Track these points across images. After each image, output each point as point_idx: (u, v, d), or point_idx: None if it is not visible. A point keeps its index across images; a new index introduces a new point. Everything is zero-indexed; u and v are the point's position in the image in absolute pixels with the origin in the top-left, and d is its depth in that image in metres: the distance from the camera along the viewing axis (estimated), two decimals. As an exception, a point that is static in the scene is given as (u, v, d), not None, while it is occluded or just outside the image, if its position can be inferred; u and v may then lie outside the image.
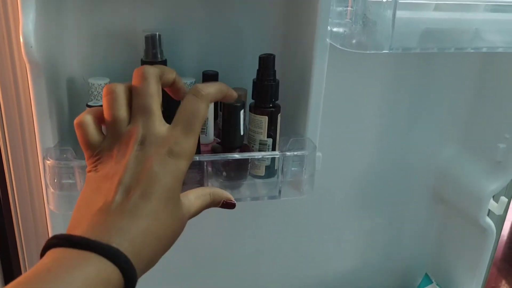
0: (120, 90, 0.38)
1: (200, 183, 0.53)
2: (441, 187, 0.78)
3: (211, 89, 0.40)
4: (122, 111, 0.37)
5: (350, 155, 0.73)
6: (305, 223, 0.76)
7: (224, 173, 0.54)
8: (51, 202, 0.49)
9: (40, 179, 0.52)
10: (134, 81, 0.38)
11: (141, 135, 0.36)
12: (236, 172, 0.55)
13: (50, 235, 0.51)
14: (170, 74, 0.41)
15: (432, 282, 0.79)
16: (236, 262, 0.76)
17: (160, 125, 0.37)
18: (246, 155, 0.54)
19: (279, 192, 0.56)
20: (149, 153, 0.36)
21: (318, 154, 0.61)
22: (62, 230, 0.44)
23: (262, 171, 0.57)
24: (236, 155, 0.53)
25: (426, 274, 0.81)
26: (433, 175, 0.78)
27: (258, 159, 0.56)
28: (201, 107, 0.38)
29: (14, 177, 0.54)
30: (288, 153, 0.55)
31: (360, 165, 0.75)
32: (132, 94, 0.38)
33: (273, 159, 0.57)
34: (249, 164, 0.55)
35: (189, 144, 0.38)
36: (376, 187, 0.77)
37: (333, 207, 0.76)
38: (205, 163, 0.53)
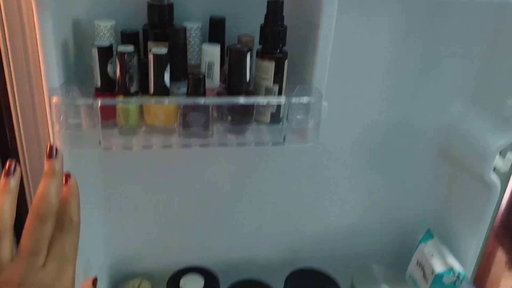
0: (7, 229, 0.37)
1: (205, 127, 0.53)
2: (447, 142, 0.78)
3: (78, 213, 0.41)
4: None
5: (357, 108, 0.73)
6: (308, 175, 0.76)
7: (229, 118, 0.54)
8: (57, 140, 0.49)
9: (46, 119, 0.52)
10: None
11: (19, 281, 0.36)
12: (241, 117, 0.55)
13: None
14: None
15: (433, 238, 0.80)
16: (237, 209, 0.76)
17: (38, 267, 0.37)
18: (251, 99, 0.54)
19: (284, 138, 0.56)
20: None
21: (324, 103, 0.60)
22: (67, 168, 0.45)
23: (267, 118, 0.57)
24: (242, 100, 0.53)
25: (428, 230, 0.82)
26: (440, 130, 0.77)
27: (264, 105, 0.56)
28: (77, 239, 0.40)
29: (21, 117, 0.54)
30: (294, 100, 0.54)
31: (366, 119, 0.74)
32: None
33: (278, 106, 0.57)
34: (255, 110, 0.55)
35: (68, 278, 0.38)
36: (381, 142, 0.77)
37: (337, 160, 0.76)
38: (210, 107, 0.53)
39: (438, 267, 0.75)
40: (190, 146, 0.54)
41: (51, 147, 0.40)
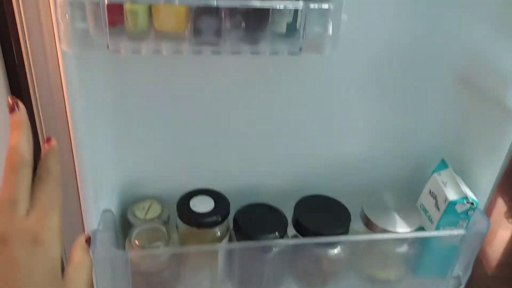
0: None
1: (217, 33, 0.51)
2: (468, 68, 0.75)
3: (57, 167, 0.41)
4: None
5: (374, 28, 0.69)
6: (321, 96, 0.73)
7: (243, 23, 0.51)
8: (63, 41, 0.47)
9: (51, 19, 0.49)
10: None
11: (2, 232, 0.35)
12: (256, 23, 0.52)
13: (63, 75, 0.50)
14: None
15: (447, 167, 0.79)
16: (249, 131, 0.74)
17: (20, 217, 0.36)
18: (267, 3, 0.50)
19: (300, 48, 0.53)
20: (14, 249, 0.35)
21: (344, 16, 0.57)
22: (74, 69, 0.43)
23: (283, 28, 0.54)
24: (257, 3, 0.50)
25: (443, 160, 0.80)
26: (461, 55, 0.74)
27: (280, 13, 0.53)
28: (58, 189, 0.40)
29: (25, 17, 0.52)
30: (312, 5, 0.51)
31: (384, 40, 0.70)
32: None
33: (295, 16, 0.54)
34: (270, 15, 0.52)
35: (54, 225, 0.38)
36: (398, 66, 0.73)
37: (352, 82, 0.73)
38: (223, 11, 0.50)
39: (452, 195, 0.74)
40: (201, 52, 0.51)
41: (12, 102, 0.40)
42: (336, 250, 0.74)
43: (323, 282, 0.76)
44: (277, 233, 0.71)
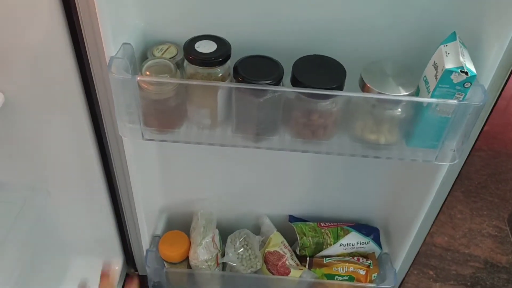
0: None
1: None
2: None
3: None
4: None
5: None
6: None
7: None
8: None
9: None
10: None
11: None
12: None
13: None
14: None
15: (456, 39, 0.77)
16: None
17: None
18: None
19: None
20: None
21: None
22: None
23: None
24: None
25: (454, 32, 0.79)
26: None
27: None
28: None
29: None
30: None
31: None
32: None
33: None
34: None
35: None
36: None
37: None
38: None
39: (449, 64, 0.74)
40: None
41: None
42: (326, 104, 0.79)
43: (313, 134, 0.82)
44: (271, 80, 0.77)
